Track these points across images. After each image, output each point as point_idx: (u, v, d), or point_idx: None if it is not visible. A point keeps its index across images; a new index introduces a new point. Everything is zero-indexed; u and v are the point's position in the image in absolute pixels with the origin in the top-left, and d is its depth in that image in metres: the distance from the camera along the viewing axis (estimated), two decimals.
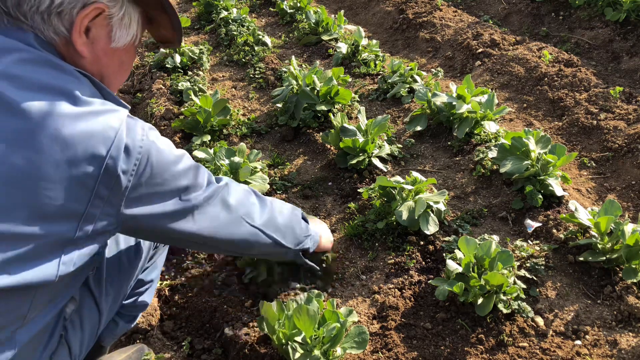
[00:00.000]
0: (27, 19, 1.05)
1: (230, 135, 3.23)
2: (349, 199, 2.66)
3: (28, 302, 1.03)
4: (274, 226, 1.47)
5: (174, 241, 1.32)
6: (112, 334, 1.71)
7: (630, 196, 2.59)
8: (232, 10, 4.85)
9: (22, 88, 0.97)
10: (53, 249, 1.00)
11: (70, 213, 0.99)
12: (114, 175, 1.01)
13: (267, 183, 2.67)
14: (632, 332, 1.89)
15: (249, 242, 1.41)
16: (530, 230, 2.31)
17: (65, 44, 1.10)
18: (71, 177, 0.97)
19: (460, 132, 2.89)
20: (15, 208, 0.94)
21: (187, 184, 1.19)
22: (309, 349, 1.67)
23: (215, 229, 1.30)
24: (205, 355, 1.97)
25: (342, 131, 2.79)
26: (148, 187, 1.09)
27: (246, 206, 1.39)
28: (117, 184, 1.02)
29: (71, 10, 1.06)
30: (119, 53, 1.21)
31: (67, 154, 0.96)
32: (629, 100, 3.14)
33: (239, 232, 1.37)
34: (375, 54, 3.98)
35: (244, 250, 1.47)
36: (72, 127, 0.97)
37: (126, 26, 1.18)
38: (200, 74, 3.92)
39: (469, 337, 1.90)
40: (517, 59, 3.70)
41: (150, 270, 1.69)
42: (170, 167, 1.14)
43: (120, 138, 1.02)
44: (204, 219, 1.25)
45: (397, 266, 2.23)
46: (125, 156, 1.02)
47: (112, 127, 1.01)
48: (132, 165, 1.04)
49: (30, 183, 0.94)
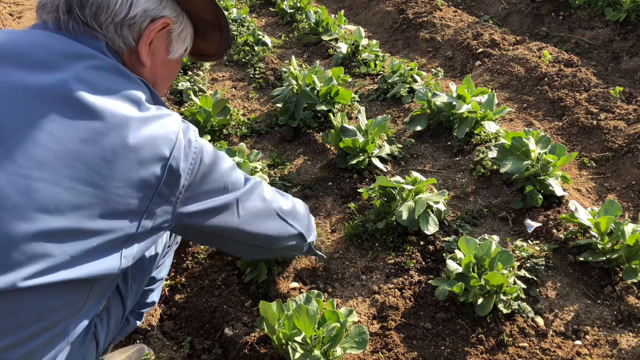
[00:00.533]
0: (102, 28, 1.13)
1: (230, 135, 3.23)
2: (349, 199, 2.66)
3: (85, 296, 1.07)
4: (298, 219, 1.60)
5: (214, 239, 1.39)
6: (123, 332, 1.73)
7: (630, 196, 2.59)
8: (232, 10, 4.85)
9: (96, 91, 1.02)
10: (118, 244, 1.05)
11: (135, 211, 1.05)
12: (176, 174, 1.08)
13: (267, 183, 2.66)
14: (632, 332, 1.89)
15: (280, 235, 1.53)
16: (530, 230, 2.31)
17: (130, 54, 1.19)
18: (139, 177, 1.03)
19: (460, 132, 2.89)
20: (89, 206, 0.98)
21: (231, 181, 1.28)
22: (309, 349, 1.67)
23: (255, 222, 1.40)
24: (205, 355, 1.97)
25: (342, 131, 2.79)
26: (201, 185, 1.17)
27: (278, 200, 1.51)
28: (177, 182, 1.10)
29: (142, 22, 1.16)
30: (172, 64, 1.31)
31: (137, 156, 1.02)
32: (629, 100, 3.14)
33: (273, 225, 1.48)
34: (375, 54, 3.98)
35: (275, 244, 1.56)
36: (140, 130, 1.04)
37: (183, 39, 1.28)
38: (200, 74, 3.92)
39: (469, 337, 1.90)
40: (517, 59, 3.70)
41: (161, 268, 1.73)
42: (218, 165, 1.23)
43: (180, 140, 1.09)
44: (246, 212, 1.35)
45: (397, 266, 2.23)
46: (185, 157, 1.10)
47: (173, 131, 1.09)
48: (189, 164, 1.11)
49: (103, 181, 0.99)
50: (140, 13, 1.15)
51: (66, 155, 0.96)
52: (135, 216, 1.05)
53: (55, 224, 0.95)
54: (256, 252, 1.65)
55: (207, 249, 2.38)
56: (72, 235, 0.97)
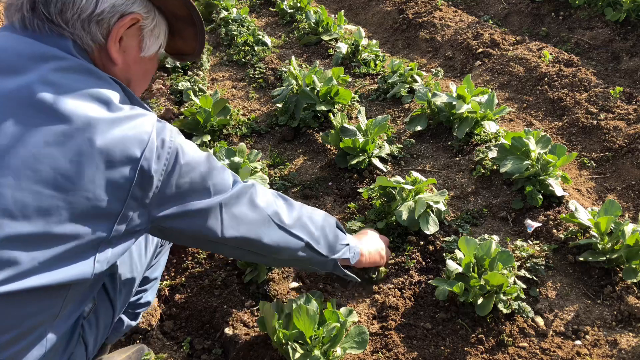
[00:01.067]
0: (68, 26, 1.10)
1: (230, 135, 3.23)
2: (349, 199, 2.66)
3: (61, 301, 1.06)
4: (304, 228, 1.48)
5: (201, 243, 1.33)
6: (117, 332, 1.72)
7: (630, 196, 2.59)
8: (232, 10, 4.85)
9: (62, 93, 1.00)
10: (89, 248, 1.03)
11: (107, 214, 1.03)
12: (147, 176, 1.06)
13: (267, 183, 2.66)
14: (632, 332, 1.89)
15: (279, 245, 1.42)
16: (530, 230, 2.31)
17: (99, 51, 1.16)
18: (109, 179, 1.01)
19: (460, 132, 2.89)
20: (56, 209, 0.96)
21: (213, 182, 1.23)
22: (309, 349, 1.67)
23: (244, 229, 1.31)
24: (205, 355, 1.97)
25: (342, 131, 2.79)
26: (176, 187, 1.13)
27: (274, 207, 1.40)
28: (149, 184, 1.07)
29: (110, 18, 1.12)
30: (146, 62, 1.27)
31: (106, 157, 1.00)
32: (629, 100, 3.14)
33: (267, 233, 1.38)
34: (375, 54, 3.98)
35: (274, 253, 1.45)
36: (109, 131, 1.01)
37: (155, 37, 1.25)
38: (200, 74, 3.92)
39: (469, 337, 1.90)
40: (517, 59, 3.70)
41: (155, 268, 1.72)
42: (197, 167, 1.18)
43: (152, 140, 1.07)
44: (231, 218, 1.27)
45: (397, 266, 2.23)
46: (157, 157, 1.07)
47: (145, 131, 1.06)
48: (162, 165, 1.08)
49: (71, 185, 0.97)
50: (108, 9, 1.12)
51: (30, 159, 0.94)
52: (107, 220, 1.03)
53: (21, 229, 0.93)
54: (256, 258, 1.56)
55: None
56: (40, 241, 0.95)
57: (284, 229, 1.42)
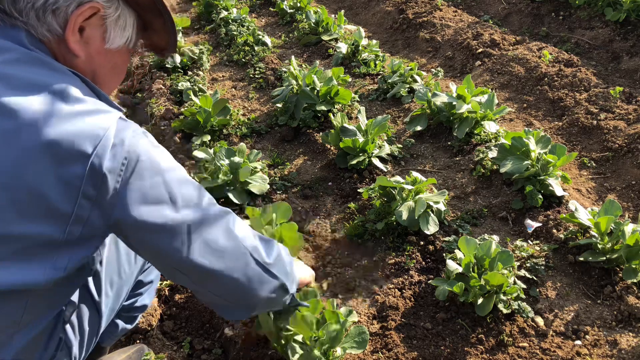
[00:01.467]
0: (22, 15, 1.04)
1: (230, 135, 3.23)
2: (349, 199, 2.66)
3: (21, 307, 1.02)
4: (283, 268, 1.33)
5: (160, 264, 1.17)
6: (112, 335, 1.70)
7: (630, 196, 2.59)
8: (232, 10, 4.85)
9: (12, 87, 0.96)
10: (41, 252, 0.98)
11: (57, 214, 0.96)
12: (99, 174, 0.98)
13: (267, 183, 2.67)
14: (632, 332, 1.89)
15: (252, 284, 1.24)
16: (530, 230, 2.31)
17: (58, 43, 1.09)
18: (58, 176, 0.95)
19: (460, 132, 2.89)
20: (1, 209, 0.92)
21: (182, 193, 1.10)
22: (309, 349, 1.67)
23: (212, 258, 1.15)
24: (205, 355, 1.97)
25: (342, 131, 2.79)
26: (138, 191, 1.03)
27: (252, 240, 1.25)
28: (104, 184, 0.99)
29: (66, 8, 1.05)
30: (113, 55, 1.19)
31: (55, 153, 0.94)
32: (629, 100, 3.14)
33: (241, 268, 1.21)
34: (375, 54, 3.98)
35: (245, 293, 1.25)
36: (61, 125, 0.95)
37: (121, 28, 1.17)
38: (200, 74, 3.92)
39: (469, 337, 1.90)
40: (517, 59, 3.70)
41: (149, 272, 1.68)
42: (163, 173, 1.08)
43: (108, 137, 0.99)
44: (200, 241, 1.13)
45: (397, 266, 2.23)
46: (112, 155, 0.99)
47: (101, 127, 0.99)
48: (119, 164, 1.00)
49: (17, 183, 0.93)
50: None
51: None
52: (59, 220, 0.97)
53: None
54: (214, 301, 1.29)
55: None
56: None
57: (262, 266, 1.25)
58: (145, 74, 4.08)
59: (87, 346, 1.39)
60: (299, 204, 2.64)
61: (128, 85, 4.07)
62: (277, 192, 2.72)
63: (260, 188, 2.63)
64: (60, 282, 1.04)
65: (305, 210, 2.62)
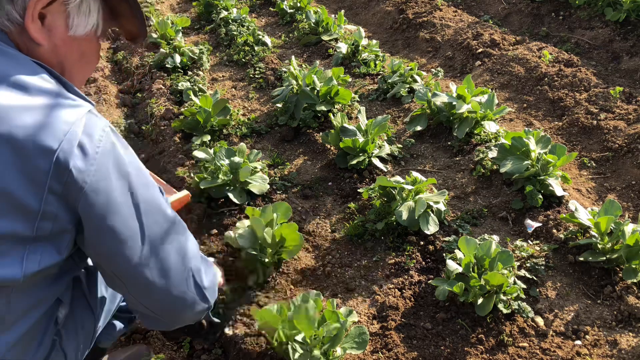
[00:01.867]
0: None
1: (230, 135, 3.23)
2: (349, 199, 2.66)
3: (3, 304, 1.01)
4: (214, 292, 1.30)
5: (106, 266, 1.13)
6: (110, 336, 1.68)
7: (630, 196, 2.59)
8: (232, 10, 4.85)
9: None
10: (14, 247, 0.97)
11: (25, 210, 0.95)
12: (65, 170, 0.95)
13: (267, 183, 2.67)
14: (632, 332, 1.89)
15: (185, 303, 1.21)
16: (530, 230, 2.31)
17: (20, 32, 1.05)
18: (22, 172, 0.93)
19: (460, 132, 2.89)
20: None
21: (145, 204, 1.09)
22: (309, 349, 1.67)
23: (158, 274, 1.13)
24: (205, 356, 1.97)
25: (342, 131, 2.79)
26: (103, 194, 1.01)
27: (197, 262, 1.23)
28: (70, 179, 0.97)
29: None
30: (79, 43, 1.15)
31: (15, 148, 0.92)
32: (629, 100, 3.14)
33: (181, 288, 1.18)
34: (375, 54, 3.98)
35: (176, 311, 1.22)
36: (22, 119, 0.93)
37: (85, 14, 1.12)
38: (200, 74, 3.92)
39: (469, 337, 1.90)
40: (517, 59, 3.70)
41: None
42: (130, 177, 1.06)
43: (74, 132, 0.96)
44: (152, 255, 1.11)
45: (397, 266, 2.23)
46: (81, 153, 0.97)
47: (66, 121, 0.97)
48: (88, 164, 0.98)
49: None
50: None
51: None
52: (27, 216, 0.95)
53: None
54: (142, 310, 1.24)
55: (207, 249, 2.38)
56: None
57: (199, 289, 1.23)
58: (145, 74, 4.08)
59: (84, 348, 1.37)
60: (299, 204, 2.64)
61: (128, 85, 4.07)
62: (277, 192, 2.72)
63: (260, 188, 2.62)
64: (38, 278, 1.03)
65: (305, 210, 2.62)
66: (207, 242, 2.43)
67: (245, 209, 2.42)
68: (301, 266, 2.26)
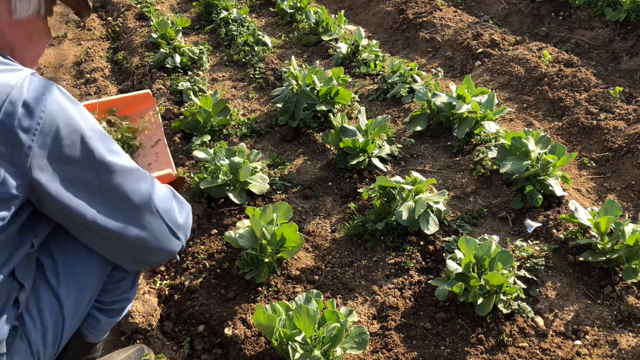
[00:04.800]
0: None
1: (230, 135, 3.23)
2: (349, 199, 2.66)
3: None
4: (186, 230, 1.35)
5: (72, 221, 1.16)
6: (95, 330, 1.57)
7: (630, 196, 2.59)
8: (232, 10, 4.85)
9: None
10: None
11: None
12: (10, 131, 0.98)
13: (267, 183, 2.67)
14: (632, 332, 1.89)
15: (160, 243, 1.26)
16: (530, 230, 2.31)
17: None
18: None
19: (460, 132, 2.89)
20: None
21: (103, 152, 1.12)
22: (309, 349, 1.67)
23: (124, 217, 1.17)
24: (205, 356, 1.97)
25: (342, 131, 2.79)
26: (55, 150, 1.04)
27: (169, 202, 1.27)
28: (17, 141, 0.99)
29: None
30: (24, 25, 1.18)
31: None
32: (629, 100, 3.14)
33: (152, 229, 1.23)
34: (375, 54, 3.98)
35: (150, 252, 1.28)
36: None
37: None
38: (200, 74, 3.92)
39: (469, 337, 1.90)
40: (517, 59, 3.70)
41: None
42: (82, 131, 1.08)
43: (18, 93, 0.99)
44: (116, 200, 1.15)
45: (397, 266, 2.23)
46: (26, 112, 0.99)
47: (8, 84, 1.00)
48: (35, 123, 1.00)
49: None
50: None
51: None
52: None
53: None
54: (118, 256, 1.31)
55: (207, 249, 2.38)
56: None
57: (171, 229, 1.28)
58: (145, 74, 4.08)
59: (53, 339, 1.33)
60: (299, 204, 2.64)
61: (128, 85, 4.07)
62: (277, 192, 2.72)
63: (260, 188, 2.63)
64: None
65: (305, 210, 2.62)
66: (207, 242, 2.43)
67: (245, 209, 2.42)
68: (301, 266, 2.26)
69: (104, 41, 4.86)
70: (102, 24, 5.21)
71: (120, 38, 4.83)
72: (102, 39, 4.88)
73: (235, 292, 2.16)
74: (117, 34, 4.93)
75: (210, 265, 2.31)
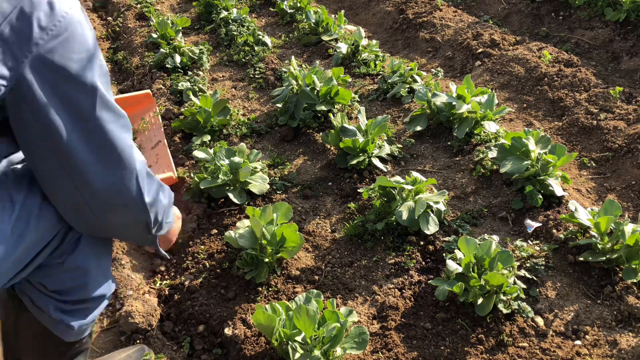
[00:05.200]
0: None
1: (230, 135, 3.23)
2: (349, 199, 2.66)
3: None
4: (154, 207, 1.27)
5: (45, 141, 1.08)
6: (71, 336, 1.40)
7: (630, 196, 2.59)
8: (232, 10, 4.85)
9: None
10: None
11: None
12: (26, 19, 0.96)
13: (267, 183, 2.67)
14: (632, 332, 1.89)
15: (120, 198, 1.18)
16: (530, 230, 2.31)
17: None
18: None
19: (460, 132, 2.89)
20: None
21: (101, 82, 1.09)
22: (309, 349, 1.67)
23: (102, 153, 1.12)
24: (205, 356, 1.97)
25: (342, 131, 2.79)
26: (60, 58, 1.01)
27: (143, 169, 1.22)
28: (27, 34, 0.97)
29: None
30: None
31: None
32: (629, 100, 3.14)
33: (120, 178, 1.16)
34: (375, 54, 3.98)
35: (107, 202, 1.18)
36: None
37: None
38: (200, 74, 3.92)
39: (469, 337, 1.90)
40: (517, 59, 3.70)
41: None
42: (92, 52, 1.06)
43: None
44: (99, 134, 1.11)
45: (397, 266, 2.23)
46: (49, 10, 0.98)
47: None
48: (52, 24, 0.99)
49: None
50: None
51: None
52: None
53: None
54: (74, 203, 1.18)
55: (207, 249, 2.38)
56: None
57: (140, 193, 1.21)
58: (145, 74, 4.08)
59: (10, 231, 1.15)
60: (299, 204, 2.64)
61: (128, 85, 4.07)
62: (277, 192, 2.72)
63: (260, 188, 2.63)
64: None
65: (305, 210, 2.62)
66: (207, 242, 2.43)
67: (245, 209, 2.42)
68: (301, 266, 2.26)
69: (103, 41, 4.86)
70: (102, 24, 5.21)
71: (120, 38, 4.83)
72: (102, 39, 4.88)
73: (235, 292, 2.16)
74: (117, 34, 4.93)
75: (210, 265, 2.31)
